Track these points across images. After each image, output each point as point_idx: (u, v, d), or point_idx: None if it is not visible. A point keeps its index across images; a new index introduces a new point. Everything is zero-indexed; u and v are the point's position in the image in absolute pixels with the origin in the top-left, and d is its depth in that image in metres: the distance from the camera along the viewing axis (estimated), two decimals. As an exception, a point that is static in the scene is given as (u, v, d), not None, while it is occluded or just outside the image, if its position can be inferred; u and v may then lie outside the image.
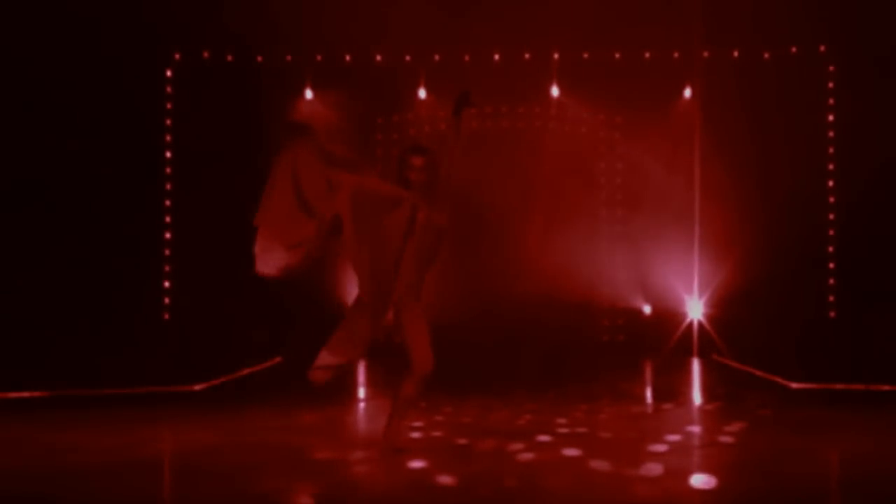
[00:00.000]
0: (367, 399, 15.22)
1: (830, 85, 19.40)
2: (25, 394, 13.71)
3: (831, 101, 19.42)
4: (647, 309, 19.90)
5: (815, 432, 11.38)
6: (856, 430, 11.44)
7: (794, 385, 14.83)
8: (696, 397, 15.06)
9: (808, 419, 12.34)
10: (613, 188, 19.86)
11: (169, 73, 19.34)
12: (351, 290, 19.10)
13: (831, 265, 19.32)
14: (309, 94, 19.74)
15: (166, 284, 19.11)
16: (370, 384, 16.86)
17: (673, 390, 15.42)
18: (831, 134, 19.38)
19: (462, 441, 10.49)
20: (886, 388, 14.41)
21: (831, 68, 19.42)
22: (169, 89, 19.38)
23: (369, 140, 19.73)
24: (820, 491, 8.66)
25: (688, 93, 19.88)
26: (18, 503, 8.01)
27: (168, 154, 19.18)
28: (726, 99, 19.42)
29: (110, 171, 18.27)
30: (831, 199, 19.34)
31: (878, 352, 17.01)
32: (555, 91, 19.83)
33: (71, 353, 16.59)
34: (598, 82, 19.58)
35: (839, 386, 14.65)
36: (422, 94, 19.81)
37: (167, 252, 19.17)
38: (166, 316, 19.14)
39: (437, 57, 19.67)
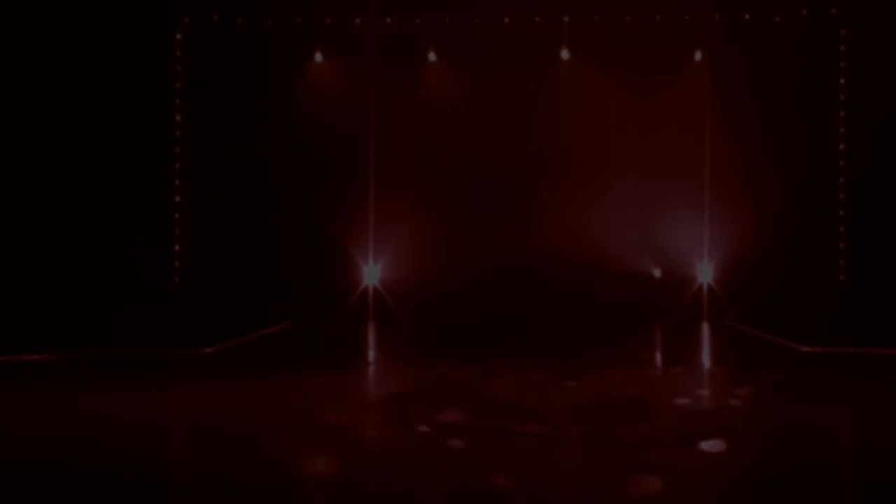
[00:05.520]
0: (376, 362, 15.24)
1: (842, 48, 19.31)
2: (37, 356, 13.73)
3: (842, 64, 19.33)
4: (657, 273, 19.87)
5: (824, 396, 11.39)
6: (865, 394, 11.45)
7: (805, 348, 14.84)
8: (706, 361, 15.07)
9: (817, 383, 12.35)
10: (624, 152, 19.76)
11: (179, 37, 19.29)
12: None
13: (842, 229, 19.26)
14: (319, 57, 19.68)
15: (177, 248, 19.13)
16: (379, 348, 16.89)
17: (683, 354, 15.44)
18: (842, 98, 19.30)
19: (471, 403, 10.51)
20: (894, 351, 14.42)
21: (842, 31, 19.32)
22: (179, 53, 19.33)
23: (379, 104, 19.68)
24: (829, 454, 8.68)
25: (698, 56, 19.79)
26: (32, 467, 8.05)
27: (178, 118, 19.15)
28: (737, 62, 19.35)
29: (121, 135, 18.26)
30: (842, 163, 19.28)
31: (888, 315, 16.99)
32: (565, 55, 19.76)
33: (82, 316, 16.62)
34: (609, 46, 19.50)
35: (849, 349, 14.65)
36: (432, 57, 19.75)
37: (177, 215, 19.17)
38: (176, 279, 19.15)
39: (447, 20, 19.60)
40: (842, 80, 19.25)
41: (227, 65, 19.15)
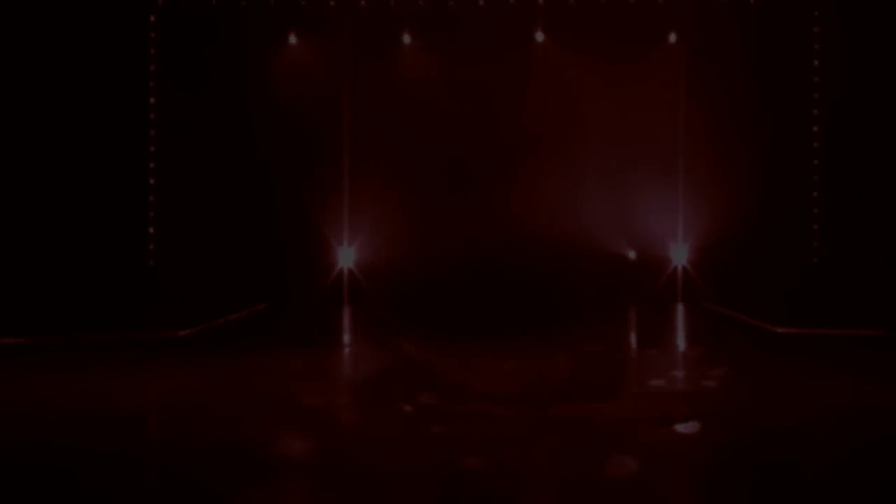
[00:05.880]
0: (351, 344, 15.24)
1: (816, 29, 19.34)
2: (9, 340, 13.67)
3: (816, 45, 19.36)
4: (631, 254, 19.90)
5: (798, 376, 11.44)
6: (838, 375, 11.51)
7: (779, 329, 14.90)
8: (681, 342, 15.12)
9: (791, 363, 12.41)
10: (599, 134, 19.73)
11: (153, 19, 19.19)
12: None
13: (815, 210, 19.32)
14: (293, 39, 19.61)
15: (151, 231, 19.06)
16: (353, 330, 16.90)
17: (656, 335, 15.48)
18: (816, 79, 19.33)
19: (444, 385, 10.52)
20: (869, 332, 14.48)
21: (816, 13, 19.35)
22: (153, 35, 19.24)
23: (354, 85, 19.65)
24: (802, 434, 8.71)
25: (672, 38, 19.79)
26: (5, 448, 8.02)
27: (152, 100, 19.06)
28: (711, 44, 19.36)
29: (94, 116, 18.17)
30: (815, 145, 19.32)
31: (862, 297, 17.07)
32: (539, 37, 19.74)
33: (55, 299, 16.57)
34: (583, 28, 19.47)
35: (823, 331, 14.72)
36: (406, 39, 19.71)
37: (151, 198, 19.10)
38: (151, 262, 19.10)
39: (420, 2, 19.55)
40: (815, 62, 19.29)
41: (201, 46, 19.07)
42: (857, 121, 18.30)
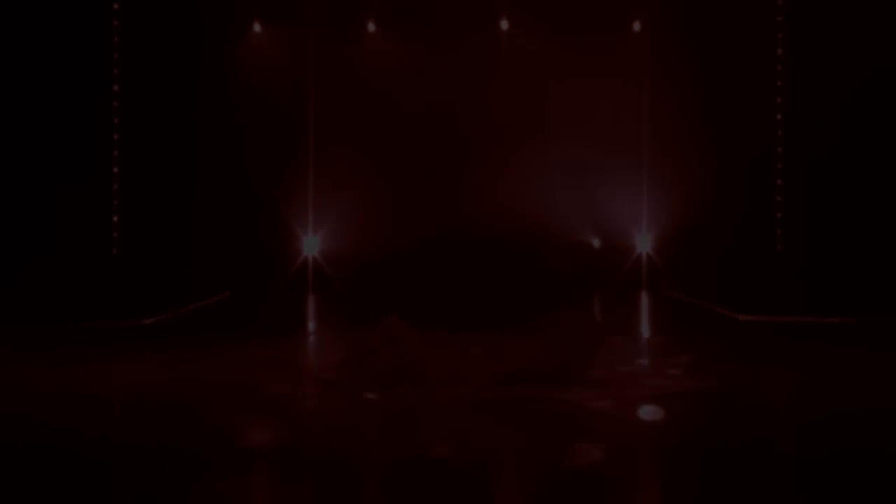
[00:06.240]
0: (315, 332, 15.24)
1: (779, 18, 19.40)
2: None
3: (780, 34, 19.42)
4: (596, 242, 19.95)
5: (761, 364, 11.52)
6: (801, 362, 11.59)
7: (742, 317, 14.97)
8: (645, 330, 15.18)
9: (755, 351, 12.49)
10: (564, 122, 19.74)
11: (116, 7, 19.04)
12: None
13: (779, 198, 19.39)
14: (257, 27, 19.56)
15: (115, 219, 18.96)
16: (317, 318, 16.90)
17: (622, 323, 15.53)
18: (780, 68, 19.40)
19: (407, 372, 10.52)
20: (833, 320, 14.57)
21: (780, 1, 19.41)
22: (116, 22, 19.11)
23: (319, 73, 19.61)
24: (765, 421, 8.78)
25: (637, 26, 19.84)
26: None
27: (116, 87, 18.94)
28: (675, 32, 19.42)
29: (56, 103, 18.05)
30: (779, 133, 19.39)
31: (825, 284, 17.17)
32: (504, 25, 19.75)
33: (17, 288, 16.47)
34: (549, 16, 19.49)
35: (786, 318, 14.80)
36: (371, 27, 19.68)
37: (116, 187, 18.99)
38: (115, 250, 19.01)
39: (386, -11, 19.56)
40: (779, 51, 19.36)
41: (165, 34, 18.96)
42: (820, 109, 18.36)
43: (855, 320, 14.45)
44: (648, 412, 9.08)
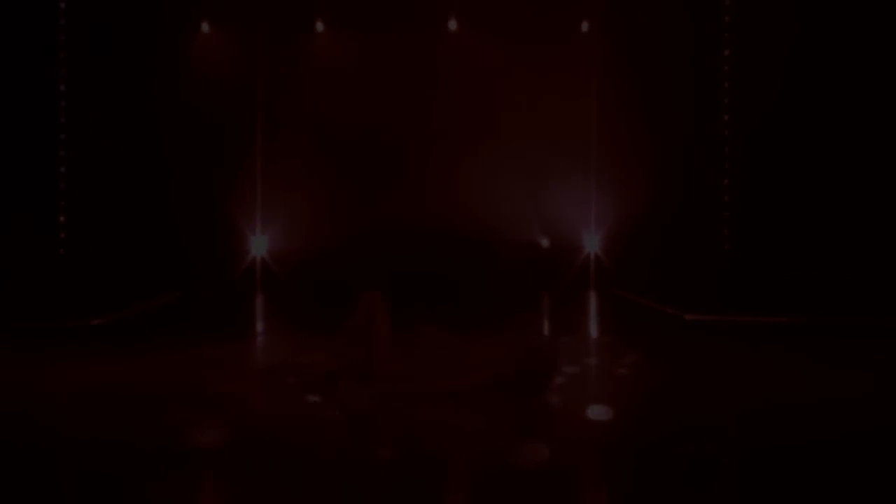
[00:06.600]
0: (265, 332, 15.22)
1: (726, 19, 19.52)
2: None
3: (726, 35, 19.55)
4: (545, 242, 20.00)
5: (708, 363, 11.60)
6: (748, 362, 11.69)
7: (689, 317, 15.06)
8: (593, 330, 15.25)
9: (700, 351, 12.57)
10: (512, 121, 19.76)
11: (63, 6, 18.92)
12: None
13: (726, 198, 19.51)
14: (205, 27, 19.50)
15: (62, 219, 18.86)
16: (267, 317, 16.87)
17: (570, 323, 15.59)
18: (727, 68, 19.53)
19: (359, 374, 10.53)
20: (780, 320, 14.69)
21: (726, 2, 19.53)
22: (62, 21, 18.99)
23: (268, 73, 19.57)
24: (712, 420, 8.85)
25: (585, 27, 19.92)
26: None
27: (62, 87, 18.83)
28: (624, 31, 19.52)
29: (2, 103, 17.94)
30: (726, 133, 19.51)
31: (772, 283, 17.30)
32: (453, 25, 19.77)
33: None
34: (497, 16, 19.52)
35: (733, 318, 14.90)
36: (319, 27, 19.65)
37: (62, 186, 18.88)
38: (62, 251, 18.90)
39: (334, -12, 19.55)
40: (726, 51, 19.48)
41: (113, 33, 18.87)
42: (767, 109, 18.49)
43: (801, 320, 14.58)
44: (595, 412, 9.13)
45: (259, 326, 15.98)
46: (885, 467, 7.32)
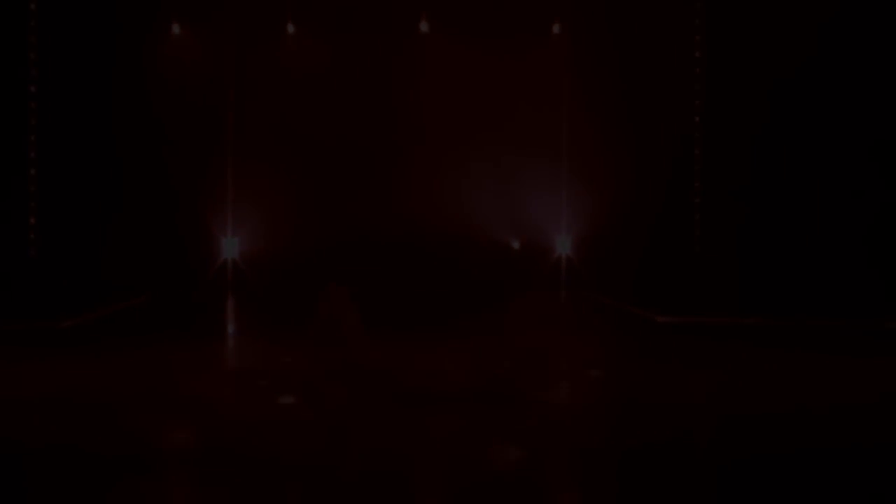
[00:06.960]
0: (231, 336, 15.19)
1: (697, 21, 19.56)
2: None
3: (697, 37, 19.59)
4: (516, 244, 20.02)
5: (679, 364, 11.62)
6: (718, 362, 11.71)
7: (660, 318, 15.09)
8: (564, 331, 15.25)
9: (672, 352, 12.59)
10: (484, 124, 19.76)
11: (33, 7, 18.82)
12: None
13: (697, 200, 19.55)
14: (176, 29, 19.45)
15: (32, 221, 18.77)
16: (237, 321, 16.84)
17: (541, 324, 15.59)
18: (698, 70, 19.57)
19: (327, 376, 10.53)
20: (750, 321, 14.73)
21: (698, 4, 19.56)
22: (33, 23, 18.89)
23: (239, 75, 19.53)
24: (683, 420, 8.86)
25: (557, 29, 19.94)
26: None
27: (33, 88, 18.74)
28: (595, 34, 19.56)
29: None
30: (697, 136, 19.56)
31: (742, 286, 17.35)
32: (424, 27, 19.77)
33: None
34: (469, 18, 19.52)
35: (704, 319, 14.93)
36: (290, 28, 19.62)
37: (33, 188, 18.80)
38: (32, 253, 18.81)
39: (305, -10, 19.53)
40: (697, 53, 19.52)
41: (84, 35, 18.79)
42: (736, 112, 18.56)
43: (771, 321, 14.63)
44: (566, 412, 9.13)
45: (230, 327, 15.94)
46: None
